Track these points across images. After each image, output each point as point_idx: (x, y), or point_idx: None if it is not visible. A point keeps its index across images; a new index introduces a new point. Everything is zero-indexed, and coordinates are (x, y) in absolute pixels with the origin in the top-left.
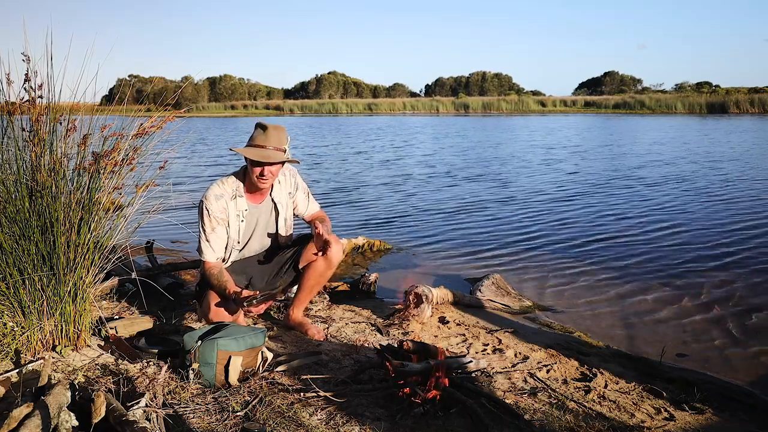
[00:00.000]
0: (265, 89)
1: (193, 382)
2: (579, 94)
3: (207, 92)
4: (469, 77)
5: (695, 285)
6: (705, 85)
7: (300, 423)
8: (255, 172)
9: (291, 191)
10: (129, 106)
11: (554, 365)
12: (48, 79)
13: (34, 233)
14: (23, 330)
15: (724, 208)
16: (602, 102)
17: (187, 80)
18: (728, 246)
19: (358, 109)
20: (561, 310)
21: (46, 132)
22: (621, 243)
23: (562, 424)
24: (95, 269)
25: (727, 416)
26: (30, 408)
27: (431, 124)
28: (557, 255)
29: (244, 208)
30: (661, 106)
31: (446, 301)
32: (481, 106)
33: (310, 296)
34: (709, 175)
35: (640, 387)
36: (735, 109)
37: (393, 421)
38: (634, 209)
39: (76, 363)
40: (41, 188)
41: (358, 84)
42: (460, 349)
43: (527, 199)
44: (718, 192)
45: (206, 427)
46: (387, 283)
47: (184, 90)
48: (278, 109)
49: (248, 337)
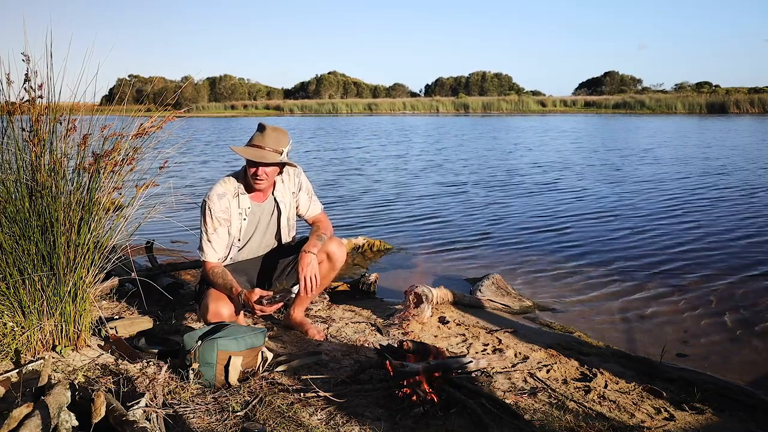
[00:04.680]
0: (265, 89)
1: (193, 382)
2: (579, 94)
3: (207, 92)
4: (469, 77)
5: (695, 285)
6: (705, 85)
7: (300, 423)
8: (250, 172)
9: (294, 191)
10: (129, 106)
11: (554, 365)
12: (48, 79)
13: (34, 233)
14: (23, 330)
15: (725, 209)
16: (602, 102)
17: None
18: (729, 246)
19: (358, 109)
20: (561, 310)
21: (46, 132)
22: (621, 243)
23: (562, 424)
24: (95, 269)
25: (727, 416)
26: (30, 408)
27: (432, 125)
28: (557, 255)
29: (247, 206)
30: (661, 106)
31: (446, 301)
32: (481, 106)
33: (311, 297)
34: (709, 176)
35: (640, 387)
36: (735, 109)
37: (393, 421)
38: (634, 209)
39: (76, 363)
40: (41, 188)
41: (358, 84)
42: (460, 349)
43: (527, 199)
44: (718, 192)
45: (206, 427)
46: (387, 283)
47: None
48: (278, 109)
49: (248, 337)
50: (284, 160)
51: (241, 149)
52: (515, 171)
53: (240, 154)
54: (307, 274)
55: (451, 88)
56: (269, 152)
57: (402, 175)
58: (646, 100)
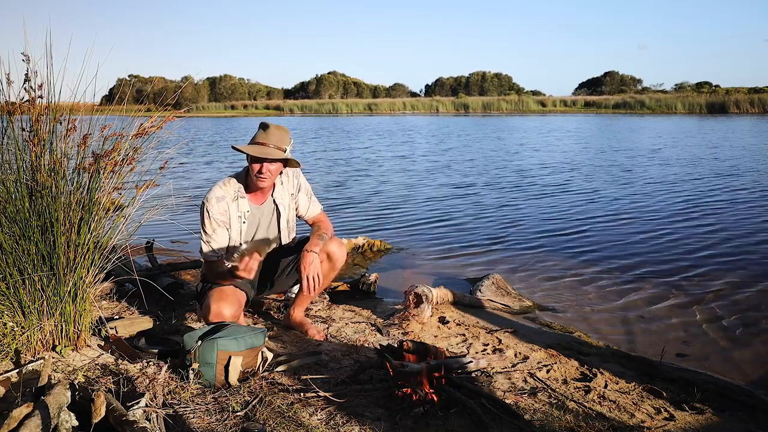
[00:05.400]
0: (265, 89)
1: (193, 382)
2: (579, 94)
3: (207, 92)
4: (469, 77)
5: (695, 285)
6: (705, 85)
7: (300, 423)
8: (254, 170)
9: (293, 192)
10: (129, 106)
11: (554, 365)
12: (48, 79)
13: (34, 233)
14: (23, 330)
15: (725, 209)
16: (602, 102)
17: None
18: (729, 246)
19: (358, 109)
20: (561, 310)
21: (46, 132)
22: (621, 243)
23: (562, 424)
24: (95, 269)
25: (727, 416)
26: (30, 408)
27: (435, 125)
28: (557, 255)
29: (246, 210)
30: (661, 106)
31: (446, 301)
32: (481, 106)
33: (312, 297)
34: (709, 176)
35: (640, 387)
36: (735, 109)
37: (393, 421)
38: (634, 210)
39: (76, 363)
40: (41, 188)
41: (358, 84)
42: (460, 349)
43: (528, 200)
44: (718, 193)
45: (206, 427)
46: (387, 283)
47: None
48: (278, 109)
49: (248, 337)
50: (288, 156)
51: (246, 147)
52: (525, 172)
53: (244, 151)
54: (309, 273)
55: (451, 88)
56: (273, 149)
57: (410, 176)
58: (646, 100)
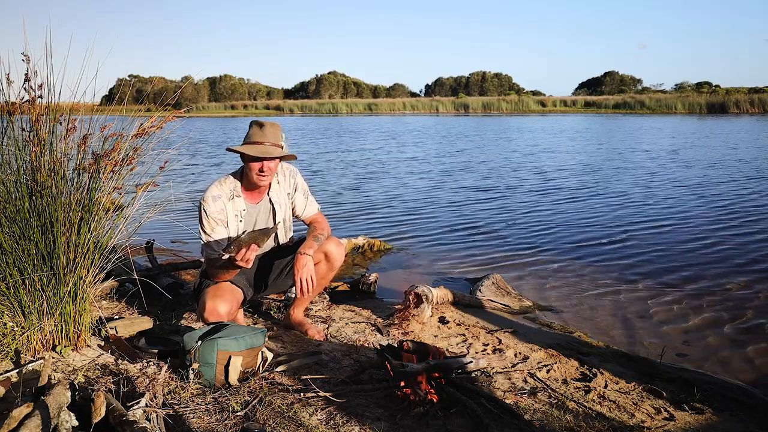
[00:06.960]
0: (265, 89)
1: (193, 382)
2: (579, 94)
3: (207, 92)
4: (469, 77)
5: (695, 285)
6: (705, 85)
7: (300, 423)
8: (254, 169)
9: (290, 192)
10: (129, 106)
11: (554, 365)
12: (48, 79)
13: (34, 233)
14: (23, 330)
15: (725, 209)
16: (602, 102)
17: (187, 80)
18: (728, 247)
19: (358, 109)
20: (561, 310)
21: (46, 132)
22: (621, 243)
23: (562, 424)
24: (95, 269)
25: (727, 416)
26: (30, 408)
27: (440, 125)
28: (557, 255)
29: (242, 208)
30: (661, 106)
31: (446, 301)
32: (481, 106)
33: (309, 298)
34: (709, 176)
35: (640, 387)
36: (735, 109)
37: (393, 421)
38: (634, 209)
39: (76, 363)
40: (41, 188)
41: (358, 84)
42: (460, 349)
43: (527, 199)
44: (718, 193)
45: (206, 427)
46: (387, 283)
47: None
48: (278, 109)
49: (248, 337)
50: (285, 152)
51: (244, 147)
52: (517, 172)
53: (243, 152)
54: (302, 276)
55: (451, 88)
56: (271, 147)
57: (403, 175)
58: (646, 100)
